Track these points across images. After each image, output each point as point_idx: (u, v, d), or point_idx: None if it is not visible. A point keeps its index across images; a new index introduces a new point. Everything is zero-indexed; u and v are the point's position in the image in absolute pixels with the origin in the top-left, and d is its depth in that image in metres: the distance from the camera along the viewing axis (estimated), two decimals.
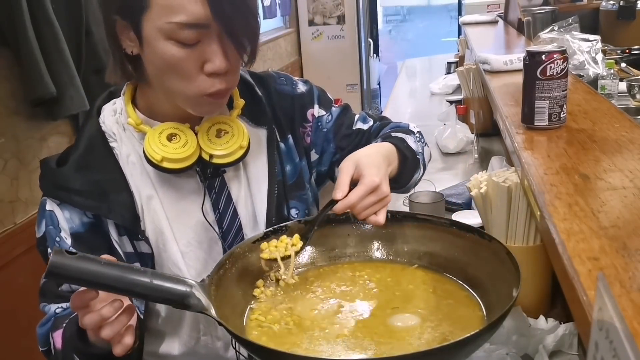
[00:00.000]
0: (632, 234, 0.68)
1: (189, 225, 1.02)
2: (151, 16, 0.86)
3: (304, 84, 1.17)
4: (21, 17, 1.93)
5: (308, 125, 1.14)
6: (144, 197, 1.00)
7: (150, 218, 1.00)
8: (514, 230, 1.12)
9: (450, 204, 1.75)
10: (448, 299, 0.88)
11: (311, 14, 5.60)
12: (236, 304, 0.87)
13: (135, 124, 0.98)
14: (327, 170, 1.18)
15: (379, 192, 0.92)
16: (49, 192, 0.99)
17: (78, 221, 0.98)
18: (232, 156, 1.00)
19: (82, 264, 0.72)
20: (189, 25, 0.85)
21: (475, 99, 2.40)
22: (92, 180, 0.97)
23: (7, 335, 1.93)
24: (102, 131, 1.01)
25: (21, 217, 2.06)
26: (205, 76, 0.90)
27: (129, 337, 0.80)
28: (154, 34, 0.87)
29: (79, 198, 0.96)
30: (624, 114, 1.18)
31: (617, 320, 0.39)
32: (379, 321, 0.84)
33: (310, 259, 1.00)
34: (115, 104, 1.03)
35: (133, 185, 0.99)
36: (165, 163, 0.95)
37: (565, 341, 1.04)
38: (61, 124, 2.28)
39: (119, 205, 0.97)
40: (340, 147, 1.15)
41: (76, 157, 0.98)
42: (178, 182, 1.01)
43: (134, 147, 1.00)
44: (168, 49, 0.87)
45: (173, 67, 0.88)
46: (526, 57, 1.12)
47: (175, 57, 0.87)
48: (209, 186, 1.03)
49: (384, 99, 6.48)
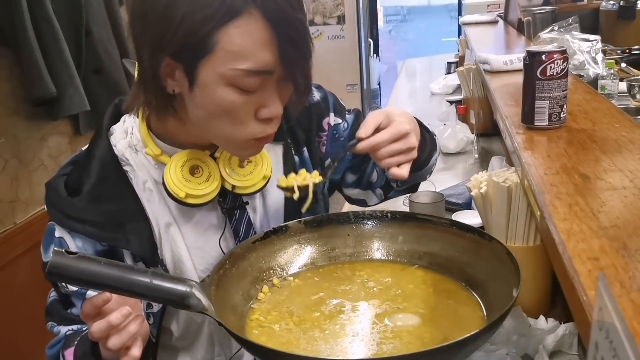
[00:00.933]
0: (632, 234, 0.68)
1: (209, 254, 1.00)
2: (213, 61, 0.79)
3: (318, 90, 1.14)
4: (21, 17, 1.94)
5: (324, 134, 1.11)
6: (162, 225, 0.97)
7: (168, 246, 0.98)
8: (514, 230, 1.12)
9: (450, 204, 1.75)
10: (448, 299, 0.88)
11: (311, 14, 5.60)
12: (236, 304, 0.87)
13: (154, 155, 0.94)
14: (339, 179, 1.18)
15: (407, 140, 0.90)
16: (60, 221, 0.94)
17: (91, 250, 0.95)
18: (255, 187, 0.98)
19: (82, 264, 0.72)
20: (255, 73, 0.80)
21: (476, 99, 2.40)
22: (107, 211, 0.93)
23: (7, 335, 1.94)
24: (114, 155, 0.96)
25: (21, 217, 2.06)
26: (257, 121, 0.86)
27: (136, 349, 0.79)
28: (213, 79, 0.80)
29: (93, 230, 0.93)
30: (624, 114, 1.18)
31: (617, 320, 0.39)
32: (379, 321, 0.84)
33: (310, 259, 1.00)
34: (125, 123, 0.99)
35: (150, 212, 0.96)
36: (190, 199, 0.92)
37: (565, 341, 1.04)
38: (61, 124, 2.28)
39: (136, 236, 0.94)
40: (356, 154, 1.14)
41: (89, 187, 0.94)
42: (198, 212, 0.99)
43: (149, 173, 0.96)
44: (226, 95, 0.81)
45: (227, 113, 0.83)
46: (526, 57, 1.12)
47: (233, 103, 0.82)
48: (229, 215, 1.00)
49: (384, 99, 6.48)
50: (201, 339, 1.05)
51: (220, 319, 0.75)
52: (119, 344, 0.77)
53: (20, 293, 2.00)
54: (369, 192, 1.20)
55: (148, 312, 0.98)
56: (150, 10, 0.80)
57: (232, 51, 0.79)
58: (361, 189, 1.19)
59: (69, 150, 2.31)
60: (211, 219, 1.00)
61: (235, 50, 0.79)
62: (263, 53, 0.79)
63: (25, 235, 2.03)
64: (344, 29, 5.61)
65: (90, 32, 2.28)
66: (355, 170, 1.17)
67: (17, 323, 1.93)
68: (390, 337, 0.80)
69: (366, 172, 1.17)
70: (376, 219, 1.02)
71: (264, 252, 0.96)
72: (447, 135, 2.39)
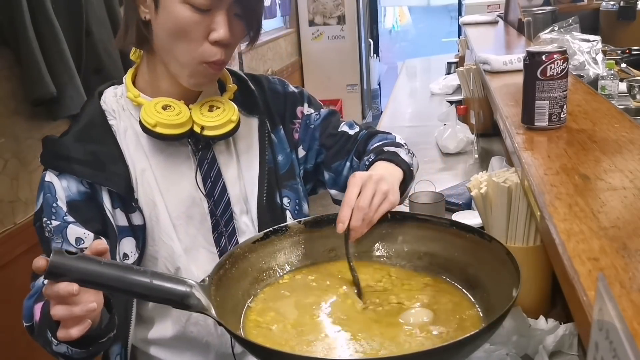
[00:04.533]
0: (632, 235, 0.68)
1: (180, 198, 1.07)
2: None
3: (296, 87, 1.23)
4: (21, 17, 1.93)
5: (297, 121, 1.19)
6: (138, 170, 1.05)
7: (143, 190, 1.05)
8: (514, 230, 1.12)
9: (450, 204, 1.75)
10: (448, 299, 0.88)
11: (311, 14, 5.60)
12: (236, 304, 0.87)
13: (134, 96, 1.04)
14: (312, 170, 1.20)
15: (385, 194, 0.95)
16: (49, 162, 1.04)
17: (75, 189, 1.02)
18: (223, 128, 1.05)
19: (82, 264, 0.72)
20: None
21: (476, 99, 2.40)
22: (91, 151, 1.03)
23: (7, 335, 1.93)
24: (102, 110, 1.07)
25: (21, 217, 2.06)
26: (209, 44, 0.96)
27: (76, 329, 0.79)
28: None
29: (78, 166, 1.02)
30: (624, 115, 1.18)
31: (617, 320, 0.39)
32: (379, 321, 0.84)
33: (310, 259, 1.00)
34: (117, 89, 1.10)
35: (129, 158, 1.05)
36: (159, 128, 1.00)
37: (565, 341, 1.04)
38: (61, 124, 2.27)
39: (115, 175, 1.02)
40: (325, 145, 1.18)
41: (76, 129, 1.05)
42: (170, 152, 1.06)
43: (132, 124, 1.06)
44: (182, 12, 0.93)
45: (183, 30, 0.95)
46: (526, 57, 1.12)
47: (187, 19, 0.94)
48: (200, 159, 1.07)
49: (384, 99, 6.48)
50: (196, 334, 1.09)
51: (220, 319, 0.75)
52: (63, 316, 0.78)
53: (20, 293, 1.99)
54: None
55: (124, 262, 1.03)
56: None
57: None
58: (338, 189, 1.20)
59: None
60: (182, 162, 1.07)
61: None
62: None
63: (25, 235, 2.03)
64: (344, 29, 5.61)
65: (90, 32, 2.28)
66: (329, 169, 1.19)
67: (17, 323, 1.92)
68: (391, 337, 0.80)
69: (342, 173, 1.18)
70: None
71: (264, 252, 0.96)
72: (447, 136, 2.39)
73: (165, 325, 1.10)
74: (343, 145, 1.18)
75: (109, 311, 0.91)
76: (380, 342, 0.79)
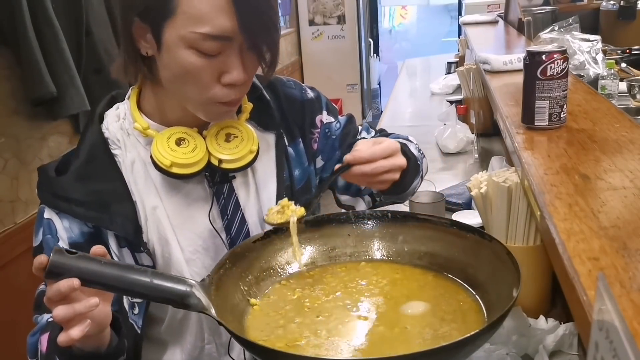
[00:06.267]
0: (633, 234, 0.68)
1: (195, 232, 1.00)
2: (175, 23, 0.84)
3: (312, 90, 1.16)
4: (21, 17, 1.93)
5: (316, 131, 1.13)
6: (149, 208, 0.97)
7: (154, 227, 0.98)
8: (514, 230, 1.12)
9: (450, 204, 1.75)
10: (448, 299, 0.88)
11: (311, 13, 5.60)
12: (236, 304, 0.87)
13: (142, 128, 0.96)
14: (328, 178, 1.17)
15: (396, 159, 0.94)
16: (48, 201, 0.96)
17: (77, 231, 0.95)
18: (242, 161, 0.98)
19: (82, 264, 0.72)
20: (213, 37, 0.84)
21: (476, 99, 2.40)
22: (93, 191, 0.95)
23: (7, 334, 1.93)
24: (105, 138, 0.98)
25: (21, 216, 2.06)
26: (221, 86, 0.89)
27: (76, 329, 0.74)
28: (175, 40, 0.85)
29: (79, 209, 0.94)
30: (624, 114, 1.18)
31: (617, 320, 0.39)
32: (379, 321, 0.84)
33: (310, 258, 1.00)
34: (119, 109, 1.01)
35: (136, 194, 0.97)
36: (175, 168, 0.93)
37: (565, 341, 1.04)
38: (61, 124, 2.28)
39: (120, 217, 0.95)
40: (345, 154, 1.15)
41: (77, 166, 0.96)
42: (185, 188, 0.99)
43: (139, 154, 0.98)
44: (188, 57, 0.85)
45: (190, 75, 0.87)
46: (526, 57, 1.12)
47: (194, 65, 0.86)
48: (217, 192, 1.01)
49: (384, 99, 6.48)
50: (190, 326, 1.03)
51: (220, 319, 0.75)
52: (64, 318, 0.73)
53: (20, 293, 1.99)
54: (358, 198, 1.20)
55: (133, 301, 0.98)
56: None
57: (192, 14, 0.83)
58: (350, 195, 1.19)
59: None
60: (198, 197, 1.00)
61: (194, 13, 0.83)
62: (221, 18, 0.83)
63: (25, 235, 2.03)
64: (344, 28, 5.61)
65: (90, 32, 2.28)
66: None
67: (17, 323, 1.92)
68: (391, 337, 0.80)
69: None
70: (376, 219, 1.02)
71: (264, 252, 0.96)
72: (447, 135, 2.39)
73: (176, 352, 1.05)
74: None
75: (117, 333, 0.87)
76: (380, 343, 0.79)
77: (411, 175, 1.06)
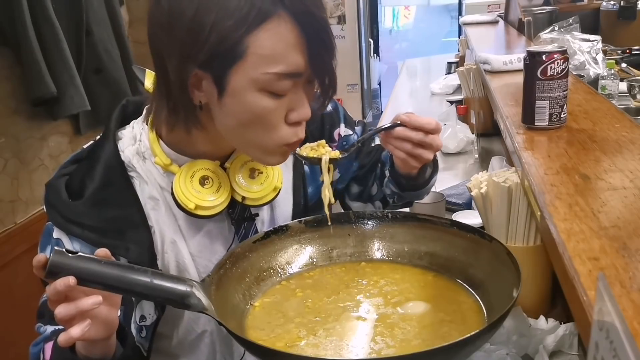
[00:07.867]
0: (633, 234, 0.68)
1: (214, 262, 0.97)
2: (244, 67, 0.79)
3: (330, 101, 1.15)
4: (22, 17, 1.94)
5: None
6: (168, 240, 0.95)
7: (173, 257, 0.96)
8: (514, 230, 1.12)
9: (450, 204, 1.75)
10: (448, 299, 0.88)
11: None
12: (236, 304, 0.87)
13: (164, 165, 0.92)
14: (344, 188, 1.18)
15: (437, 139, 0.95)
16: (59, 224, 0.91)
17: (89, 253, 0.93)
18: (266, 198, 0.97)
19: (82, 264, 0.72)
20: (287, 75, 0.80)
21: (476, 99, 2.40)
22: (108, 218, 0.91)
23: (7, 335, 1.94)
24: (121, 161, 0.93)
25: (21, 216, 2.06)
26: (287, 126, 0.85)
27: (77, 328, 0.73)
28: (245, 85, 0.80)
29: (92, 235, 0.90)
30: (624, 114, 1.18)
31: (617, 320, 0.39)
32: (378, 322, 0.84)
33: (310, 258, 1.00)
34: (134, 130, 0.96)
35: (155, 222, 0.94)
36: (199, 211, 0.91)
37: (566, 341, 1.04)
38: (61, 124, 2.28)
39: (135, 244, 0.92)
40: (362, 164, 1.16)
41: (92, 191, 0.91)
42: (207, 225, 0.98)
43: (157, 181, 0.94)
44: (258, 101, 0.81)
45: (259, 119, 0.83)
46: (527, 57, 1.12)
47: (265, 108, 0.81)
48: (237, 225, 1.00)
49: (384, 99, 6.47)
50: (202, 346, 1.02)
51: (220, 319, 0.75)
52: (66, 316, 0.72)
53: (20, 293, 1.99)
54: (369, 205, 1.20)
55: (141, 324, 0.95)
56: (176, 19, 0.78)
57: (264, 55, 0.78)
58: (362, 201, 1.19)
59: (69, 150, 2.31)
60: (219, 230, 0.99)
61: (266, 54, 0.78)
62: (294, 55, 0.79)
63: (26, 235, 2.03)
64: (344, 28, 5.60)
65: (90, 31, 2.29)
66: (360, 182, 1.18)
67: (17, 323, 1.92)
68: (390, 338, 0.80)
69: (368, 184, 1.17)
70: (376, 219, 1.02)
71: (264, 252, 0.96)
72: (447, 136, 2.39)
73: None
74: (376, 158, 1.16)
75: (123, 344, 0.86)
76: (381, 341, 0.79)
77: (432, 170, 1.06)
